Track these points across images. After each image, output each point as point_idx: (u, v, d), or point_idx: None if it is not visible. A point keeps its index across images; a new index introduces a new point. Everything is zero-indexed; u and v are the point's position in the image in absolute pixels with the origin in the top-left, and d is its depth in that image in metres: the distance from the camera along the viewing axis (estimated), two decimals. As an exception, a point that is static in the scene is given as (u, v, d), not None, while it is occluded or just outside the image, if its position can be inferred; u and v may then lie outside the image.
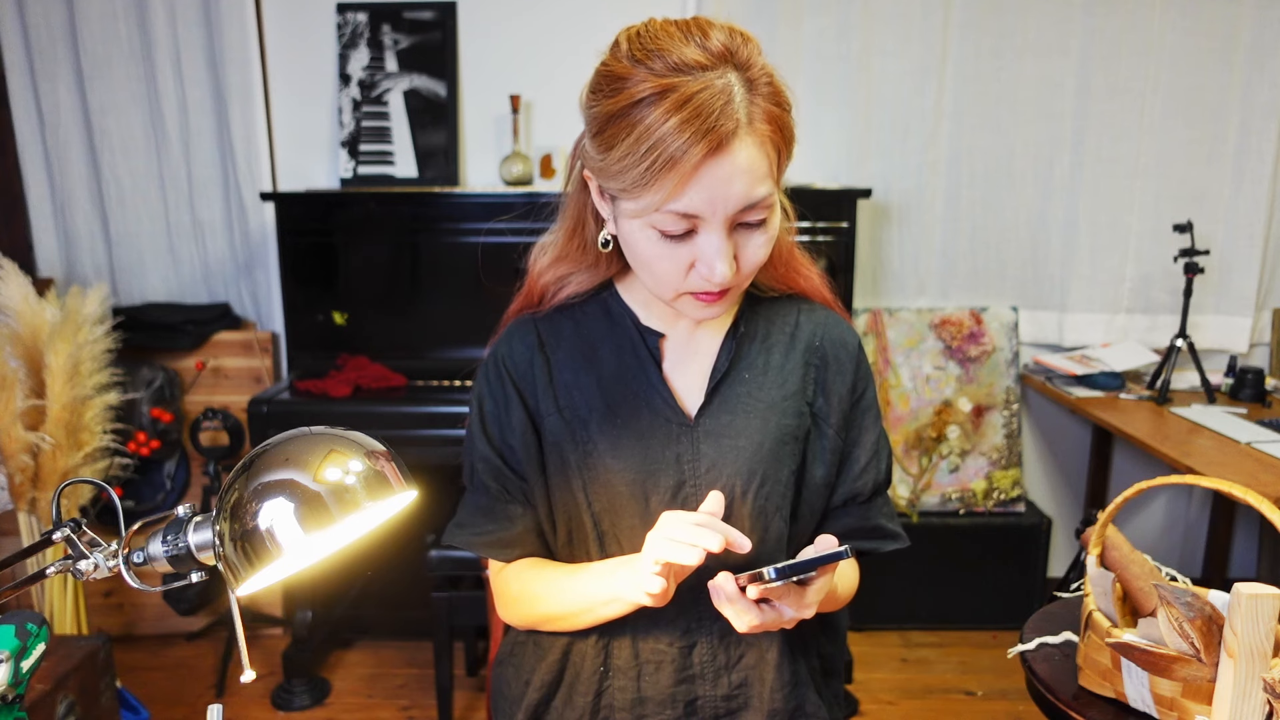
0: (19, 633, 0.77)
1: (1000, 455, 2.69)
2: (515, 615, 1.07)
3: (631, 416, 1.00)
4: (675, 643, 1.02)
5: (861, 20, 2.54)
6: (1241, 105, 2.56)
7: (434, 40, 2.56)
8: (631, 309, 1.04)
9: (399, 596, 2.66)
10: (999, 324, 2.71)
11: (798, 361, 1.04)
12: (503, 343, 1.06)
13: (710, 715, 1.03)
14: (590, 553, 1.03)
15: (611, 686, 1.04)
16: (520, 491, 1.04)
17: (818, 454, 1.03)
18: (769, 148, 0.86)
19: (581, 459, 1.00)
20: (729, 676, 1.03)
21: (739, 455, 0.99)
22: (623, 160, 0.84)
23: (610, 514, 1.00)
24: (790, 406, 1.02)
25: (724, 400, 1.01)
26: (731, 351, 1.02)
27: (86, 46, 2.56)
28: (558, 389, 1.02)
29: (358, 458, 0.70)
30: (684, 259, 0.88)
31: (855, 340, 1.08)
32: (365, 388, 2.36)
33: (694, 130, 0.81)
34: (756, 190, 0.85)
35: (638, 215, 0.87)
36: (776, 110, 0.86)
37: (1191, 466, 1.87)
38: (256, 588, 0.70)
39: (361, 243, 2.50)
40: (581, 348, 1.03)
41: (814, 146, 2.64)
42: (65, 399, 2.15)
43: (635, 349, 1.02)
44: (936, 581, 2.70)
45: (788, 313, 1.07)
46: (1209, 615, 0.94)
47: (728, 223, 0.86)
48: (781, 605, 0.86)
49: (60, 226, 2.70)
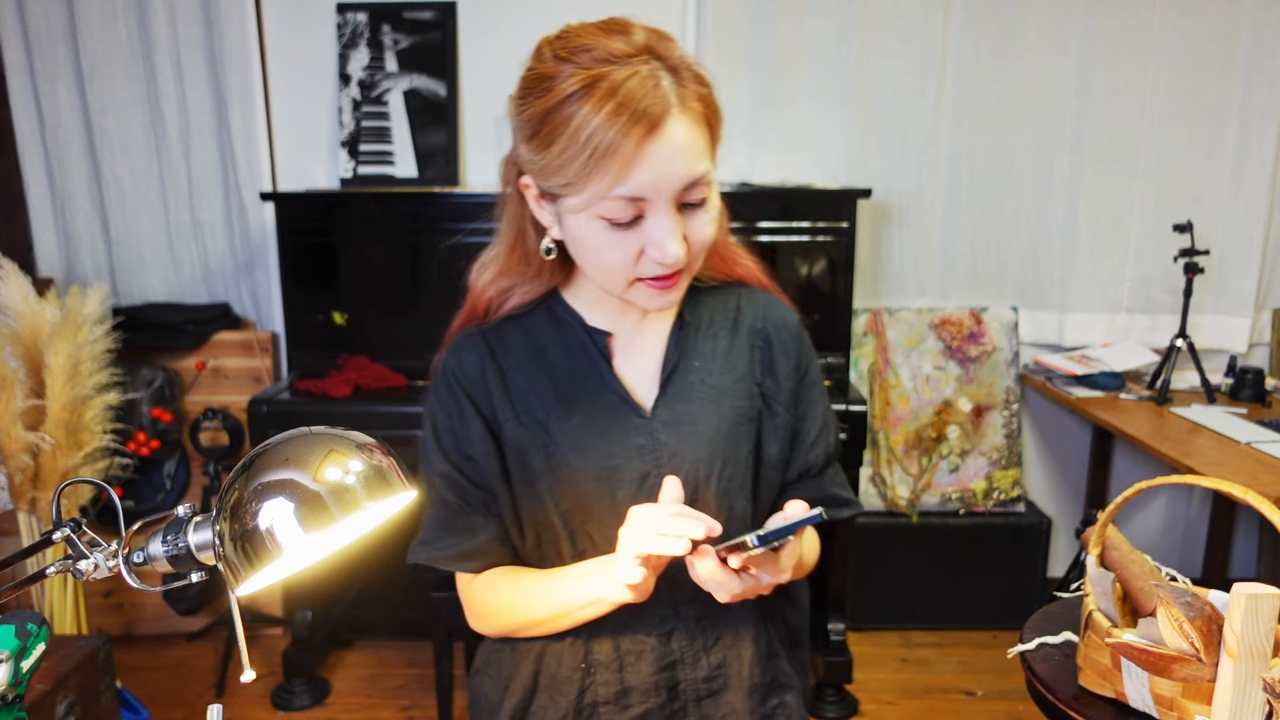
0: (19, 633, 0.77)
1: (1000, 455, 2.69)
2: (490, 626, 1.07)
3: (589, 415, 1.01)
4: (654, 631, 1.03)
5: (861, 21, 2.54)
6: (1241, 105, 2.56)
7: (434, 40, 2.56)
8: (577, 311, 1.05)
9: (399, 596, 2.66)
10: (999, 324, 2.71)
11: (743, 345, 1.07)
12: (451, 357, 1.06)
13: (693, 698, 1.05)
14: (562, 553, 1.03)
15: (594, 682, 1.05)
16: (481, 502, 1.04)
17: (771, 432, 1.06)
18: (702, 125, 0.89)
19: (544, 461, 1.01)
20: (708, 658, 1.05)
21: (698, 441, 1.01)
22: (563, 155, 0.86)
23: (579, 512, 1.01)
24: (741, 389, 1.05)
25: (677, 389, 1.03)
26: (679, 342, 1.05)
27: (86, 46, 2.56)
28: (513, 395, 1.03)
29: (358, 458, 0.70)
30: (634, 246, 0.90)
31: (795, 320, 1.11)
32: (365, 388, 2.36)
33: (629, 114, 0.83)
34: (697, 166, 0.88)
35: (584, 208, 0.89)
36: (703, 90, 0.90)
37: (1191, 466, 1.87)
38: (256, 588, 0.70)
39: (361, 243, 2.50)
40: (532, 353, 1.04)
41: (814, 146, 2.64)
42: (65, 399, 2.15)
43: (585, 349, 1.04)
44: (936, 581, 2.70)
45: (728, 299, 1.10)
46: (1209, 615, 0.94)
47: (674, 202, 0.89)
48: (759, 572, 0.88)
49: (60, 226, 2.70)
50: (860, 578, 2.64)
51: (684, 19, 2.56)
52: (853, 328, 2.65)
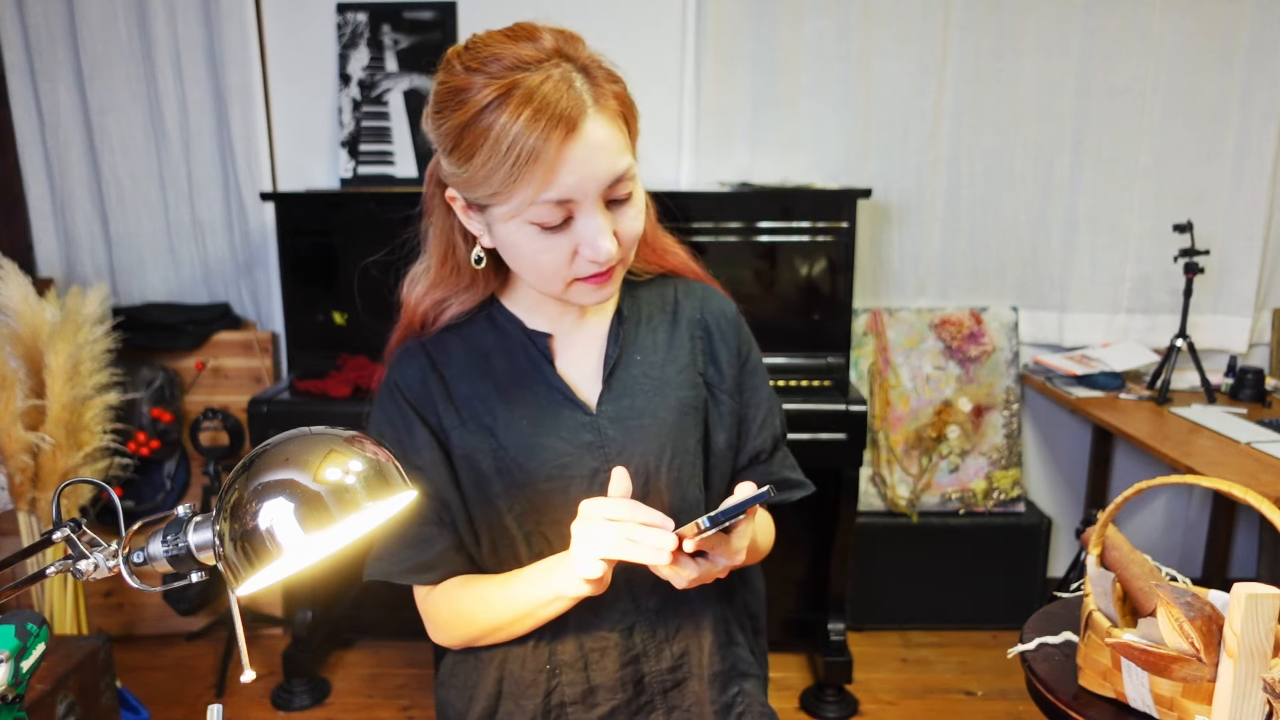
0: (19, 633, 0.77)
1: (1000, 455, 2.69)
2: (451, 637, 1.07)
3: (535, 416, 1.02)
4: (616, 627, 1.04)
5: (861, 21, 2.54)
6: (1241, 105, 2.56)
7: (434, 40, 2.56)
8: (516, 316, 1.06)
9: (399, 596, 2.62)
10: (999, 324, 2.71)
11: (683, 336, 1.08)
12: (393, 370, 1.06)
13: (658, 690, 1.06)
14: (519, 556, 1.03)
15: (560, 683, 1.05)
16: (434, 513, 1.03)
17: (717, 420, 1.07)
18: (619, 121, 0.91)
19: (494, 466, 1.01)
20: (670, 648, 1.05)
21: (646, 434, 1.02)
22: (486, 165, 0.86)
23: (532, 514, 1.01)
24: (684, 379, 1.06)
25: (621, 384, 1.04)
26: (619, 338, 1.06)
27: (86, 46, 2.56)
28: (458, 403, 1.03)
29: (358, 458, 0.70)
30: (567, 247, 0.91)
31: (733, 308, 1.13)
32: (365, 388, 2.36)
33: (547, 119, 0.84)
34: (619, 163, 0.90)
35: (513, 216, 0.90)
36: (616, 86, 0.92)
37: (1191, 466, 1.87)
38: (256, 588, 0.70)
39: (361, 243, 2.49)
40: (474, 360, 1.04)
41: (814, 146, 2.64)
42: (65, 399, 2.15)
43: (526, 352, 1.04)
44: (936, 581, 2.70)
45: (664, 292, 1.11)
46: (1209, 615, 0.94)
47: (601, 200, 0.90)
48: (714, 555, 0.88)
49: (60, 226, 2.70)
50: (860, 578, 2.64)
51: (684, 19, 2.56)
52: (853, 328, 2.65)
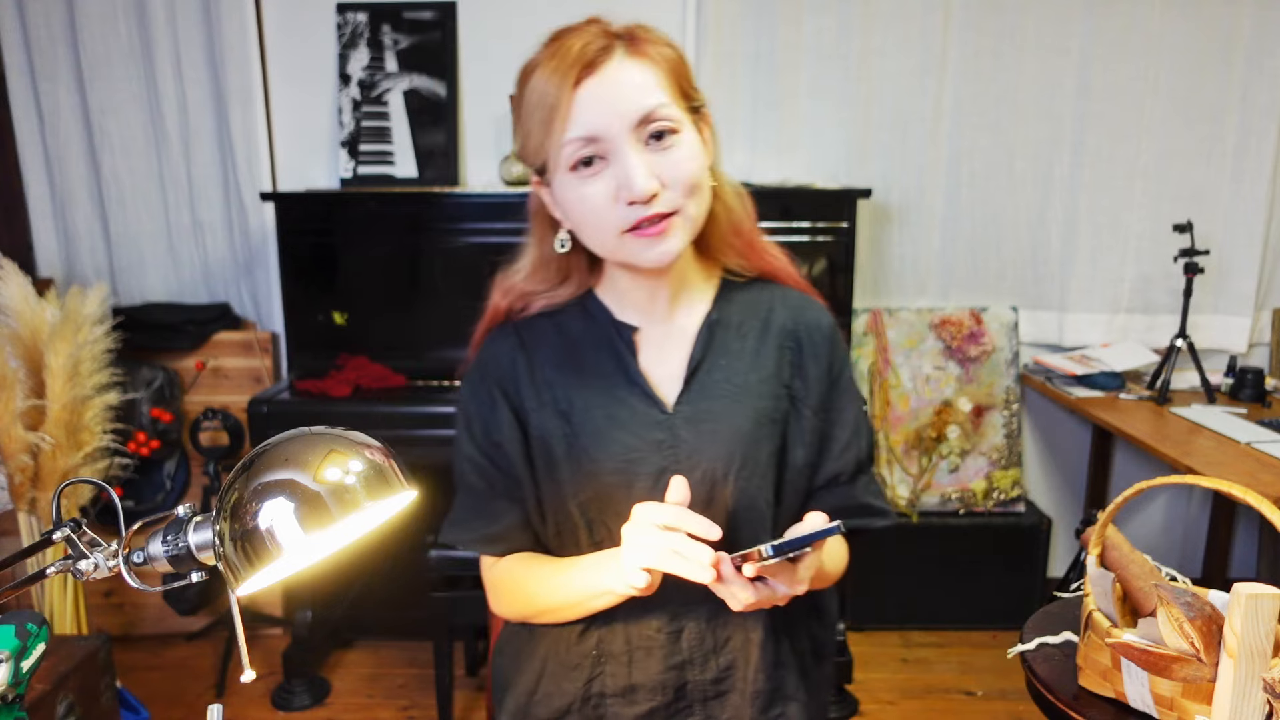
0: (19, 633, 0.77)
1: (1000, 455, 2.69)
2: (508, 609, 1.09)
3: (611, 408, 1.02)
4: (664, 628, 1.04)
5: (861, 20, 2.54)
6: (1241, 105, 2.56)
7: (434, 40, 2.56)
8: (607, 307, 1.06)
9: (399, 596, 2.66)
10: (999, 324, 2.71)
11: (772, 346, 1.06)
12: (485, 348, 1.09)
13: (699, 699, 1.05)
14: (580, 542, 1.04)
15: (603, 673, 1.06)
16: (505, 488, 1.06)
17: (796, 435, 1.05)
18: (657, 70, 0.92)
19: (566, 451, 1.02)
20: (717, 660, 1.05)
21: (718, 439, 1.01)
22: (527, 124, 0.92)
23: (596, 503, 1.02)
24: (767, 389, 1.04)
25: (701, 387, 1.03)
26: (707, 339, 1.05)
27: (86, 46, 2.56)
28: (540, 385, 1.05)
29: (358, 458, 0.70)
30: (606, 190, 0.92)
31: (829, 322, 1.10)
32: (365, 388, 2.36)
33: (566, 65, 0.89)
34: (647, 99, 0.90)
35: (557, 168, 0.93)
36: (663, 47, 0.94)
37: (1191, 466, 1.87)
38: (256, 588, 0.70)
39: (361, 243, 2.49)
40: (562, 345, 1.06)
41: (814, 146, 2.64)
42: (65, 399, 2.15)
43: (611, 343, 1.05)
44: (936, 581, 2.70)
45: (761, 299, 1.09)
46: (1209, 615, 0.94)
47: (632, 137, 0.90)
48: (775, 582, 0.87)
49: (60, 226, 2.70)
50: (860, 578, 2.64)
51: (684, 18, 2.56)
52: (853, 328, 2.65)
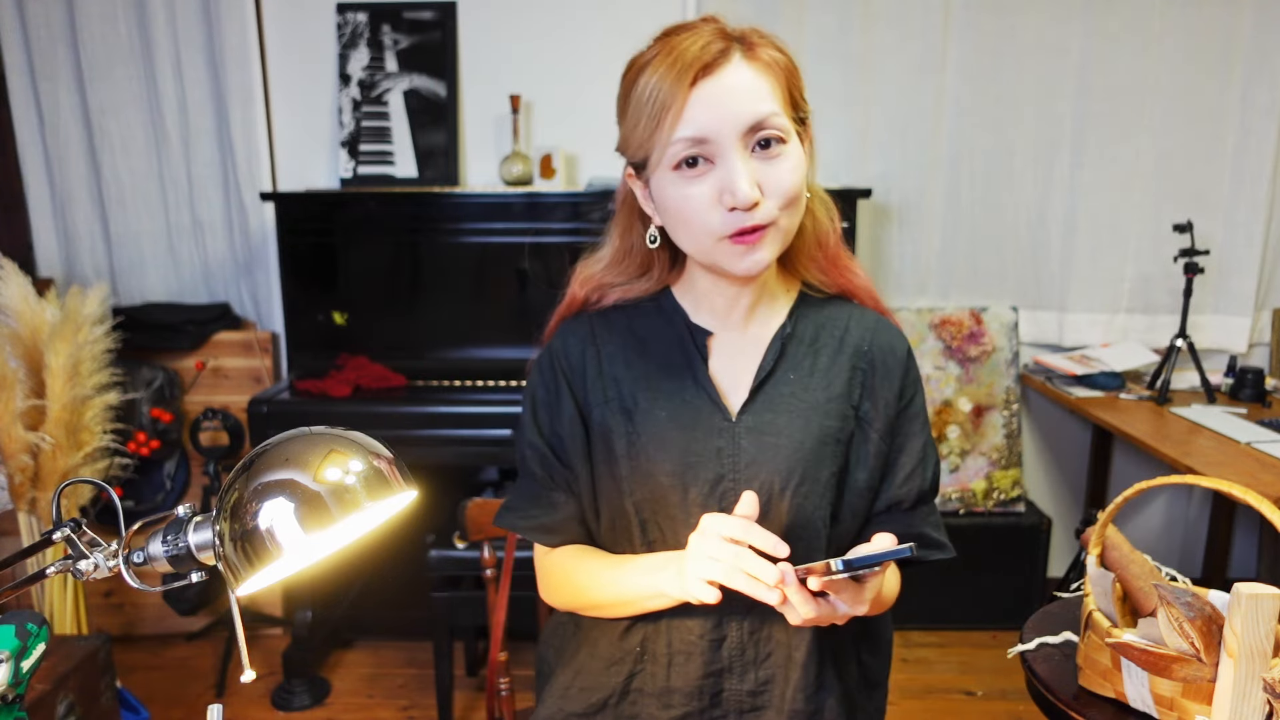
0: (19, 633, 0.77)
1: (1000, 455, 2.69)
2: (558, 599, 1.10)
3: (675, 410, 1.02)
4: (706, 635, 1.03)
5: (862, 20, 2.54)
6: (1241, 105, 2.56)
7: (434, 40, 2.56)
8: (683, 308, 1.06)
9: (399, 596, 2.66)
10: (999, 324, 2.71)
11: (844, 365, 1.05)
12: (557, 337, 1.09)
13: (735, 709, 1.05)
14: (633, 540, 1.04)
15: (644, 671, 1.06)
16: (565, 480, 1.06)
17: (860, 458, 1.03)
18: (771, 77, 0.92)
19: (626, 449, 1.02)
20: (756, 672, 1.04)
21: (778, 453, 1.00)
22: (634, 119, 0.92)
23: (650, 504, 1.02)
24: (834, 409, 1.02)
25: (768, 399, 1.02)
26: (779, 352, 1.04)
27: (86, 46, 2.56)
28: (606, 381, 1.05)
29: (358, 458, 0.70)
30: (709, 194, 0.91)
31: (905, 346, 1.09)
32: (365, 388, 2.36)
33: (683, 65, 0.89)
34: (759, 106, 0.90)
35: (659, 165, 0.92)
36: (776, 52, 0.94)
37: (1191, 466, 1.87)
38: (256, 588, 0.70)
39: (361, 243, 2.49)
40: (632, 342, 1.06)
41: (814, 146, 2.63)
42: (65, 399, 2.15)
43: (683, 345, 1.05)
44: (936, 581, 2.70)
45: (838, 316, 1.09)
46: (1209, 615, 0.94)
47: (740, 143, 0.90)
48: (837, 600, 0.85)
49: (60, 226, 2.70)
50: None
51: (683, 18, 2.56)
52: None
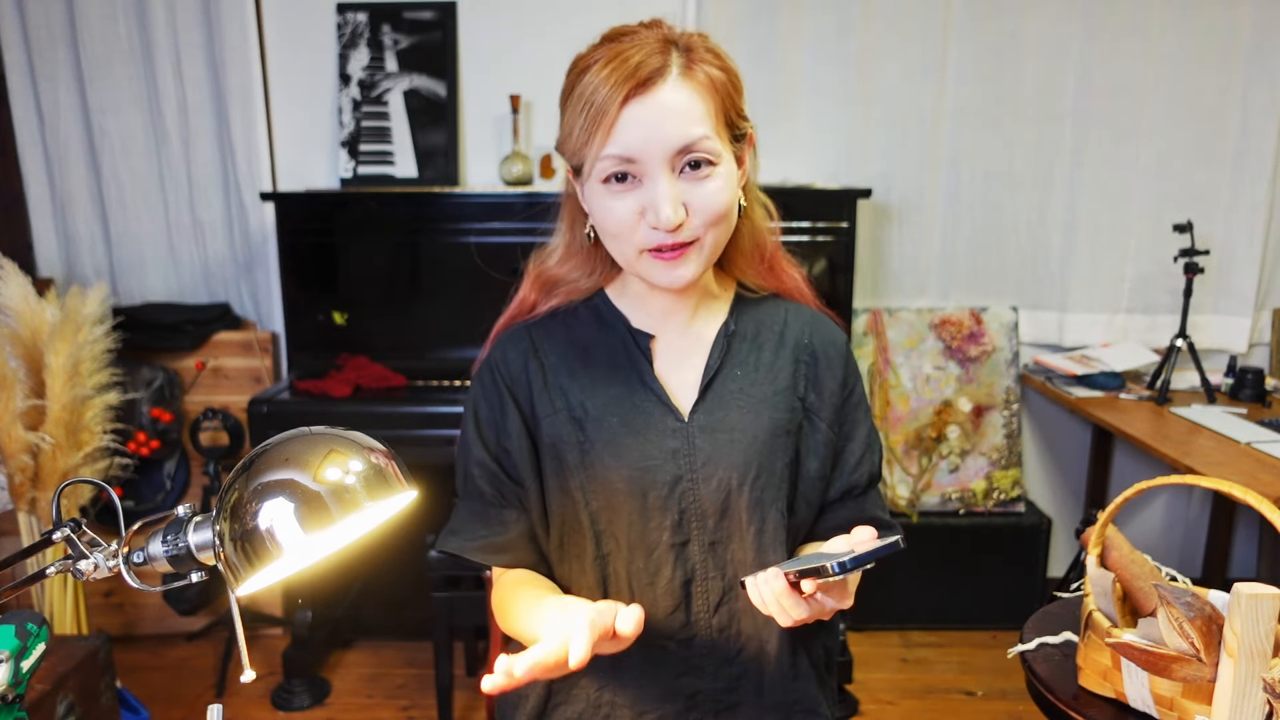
0: (19, 633, 0.77)
1: (1000, 455, 2.69)
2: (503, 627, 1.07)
3: (627, 415, 1.01)
4: (676, 636, 1.03)
5: (862, 20, 2.54)
6: (1241, 106, 2.56)
7: (434, 40, 2.56)
8: (622, 312, 1.06)
9: (399, 596, 2.66)
10: (999, 324, 2.71)
11: (788, 358, 1.07)
12: (496, 350, 1.08)
13: (710, 709, 1.04)
14: (585, 553, 1.03)
15: (614, 683, 1.05)
16: (515, 496, 1.04)
17: (811, 448, 1.05)
18: (707, 98, 0.91)
19: (579, 458, 1.01)
20: (729, 669, 1.04)
21: (734, 449, 1.00)
22: (570, 123, 0.91)
23: (607, 511, 1.01)
24: (781, 401, 1.04)
25: (717, 397, 1.03)
26: (724, 349, 1.05)
27: (86, 46, 2.56)
28: (553, 391, 1.04)
29: (358, 458, 0.70)
30: (633, 208, 0.92)
31: (843, 338, 1.12)
32: (365, 388, 2.36)
33: (619, 76, 0.87)
34: (691, 130, 0.89)
35: (590, 176, 0.92)
36: (716, 68, 0.92)
37: (1191, 466, 1.87)
38: (256, 588, 0.70)
39: (361, 243, 2.49)
40: (575, 351, 1.05)
41: (814, 146, 2.64)
42: (65, 399, 2.15)
43: (627, 349, 1.04)
44: (936, 581, 2.70)
45: (775, 312, 1.10)
46: (1209, 615, 0.94)
47: (667, 165, 0.90)
48: (825, 597, 0.86)
49: (60, 226, 2.70)
50: (860, 577, 2.63)
51: (684, 18, 2.56)
52: (853, 328, 2.65)
